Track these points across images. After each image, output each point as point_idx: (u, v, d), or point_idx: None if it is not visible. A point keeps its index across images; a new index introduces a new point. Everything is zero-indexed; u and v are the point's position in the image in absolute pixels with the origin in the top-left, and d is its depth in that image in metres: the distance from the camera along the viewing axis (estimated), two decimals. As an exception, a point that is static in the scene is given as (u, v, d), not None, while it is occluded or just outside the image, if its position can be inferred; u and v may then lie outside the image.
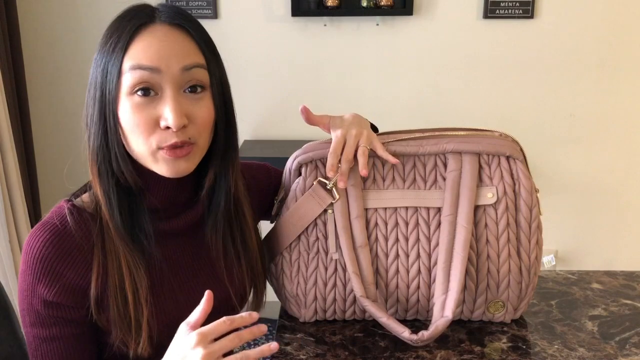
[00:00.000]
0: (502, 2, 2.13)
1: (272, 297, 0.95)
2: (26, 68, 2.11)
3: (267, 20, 2.18)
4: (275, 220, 0.92)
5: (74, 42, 2.16)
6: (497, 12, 2.14)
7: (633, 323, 0.91)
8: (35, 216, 2.06)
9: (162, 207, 0.81)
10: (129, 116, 0.72)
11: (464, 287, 0.87)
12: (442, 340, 0.86)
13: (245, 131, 2.30)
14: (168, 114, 0.72)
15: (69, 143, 2.22)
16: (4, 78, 1.90)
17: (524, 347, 0.85)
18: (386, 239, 0.87)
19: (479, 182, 0.86)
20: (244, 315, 0.69)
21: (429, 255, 0.86)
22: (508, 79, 2.23)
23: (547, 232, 0.93)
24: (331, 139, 0.88)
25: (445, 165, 0.87)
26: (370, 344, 0.86)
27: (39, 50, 2.21)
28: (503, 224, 0.85)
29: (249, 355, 0.68)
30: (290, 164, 0.89)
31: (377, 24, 2.18)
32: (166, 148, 0.73)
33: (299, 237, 0.88)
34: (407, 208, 0.87)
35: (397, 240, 0.87)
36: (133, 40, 0.72)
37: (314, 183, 0.87)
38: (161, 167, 0.75)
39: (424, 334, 0.80)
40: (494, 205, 0.86)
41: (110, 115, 0.73)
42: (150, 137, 0.73)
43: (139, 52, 0.72)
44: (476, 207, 0.86)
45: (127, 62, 0.71)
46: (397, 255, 0.87)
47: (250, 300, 0.92)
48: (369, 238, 0.87)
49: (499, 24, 2.17)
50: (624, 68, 2.20)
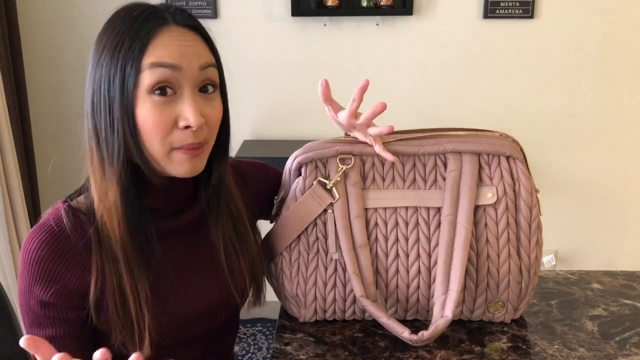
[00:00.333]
0: (502, 2, 2.13)
1: (272, 297, 0.95)
2: (26, 68, 2.11)
3: (267, 20, 2.18)
4: (275, 220, 0.92)
5: (74, 42, 2.16)
6: (497, 12, 2.14)
7: (633, 323, 0.91)
8: (35, 216, 2.06)
9: (162, 206, 0.81)
10: (147, 116, 0.72)
11: (464, 287, 0.87)
12: (442, 340, 0.86)
13: (245, 131, 2.30)
14: (189, 114, 0.72)
15: (69, 143, 2.22)
16: (4, 78, 1.90)
17: (524, 347, 0.85)
18: (386, 239, 0.87)
19: (479, 182, 0.86)
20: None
21: (429, 255, 0.86)
22: (508, 79, 2.22)
23: (547, 232, 0.93)
24: (331, 139, 0.88)
25: (445, 165, 0.87)
26: (370, 344, 0.86)
27: (39, 50, 2.21)
28: (503, 224, 0.85)
29: None
30: (290, 163, 0.89)
31: (377, 24, 2.18)
32: (184, 148, 0.74)
33: (298, 237, 0.88)
34: (407, 208, 0.87)
35: (397, 240, 0.87)
36: (152, 40, 0.72)
37: (314, 183, 0.87)
38: (176, 167, 0.75)
39: (424, 334, 0.80)
40: (494, 205, 0.86)
41: (130, 116, 0.72)
42: (167, 137, 0.73)
43: (160, 50, 0.72)
44: (476, 207, 0.86)
45: (147, 60, 0.71)
46: (397, 255, 0.87)
47: (250, 299, 0.92)
48: (368, 238, 0.87)
49: (499, 24, 2.17)
50: (624, 68, 2.20)
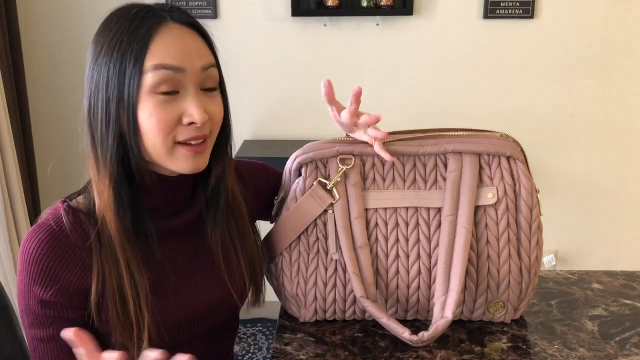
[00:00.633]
0: (502, 2, 2.13)
1: (272, 297, 0.95)
2: (26, 68, 2.11)
3: (267, 20, 2.18)
4: (275, 221, 0.92)
5: (74, 42, 2.16)
6: (497, 12, 2.14)
7: (633, 323, 0.91)
8: (35, 216, 2.06)
9: (161, 206, 0.81)
10: (150, 114, 0.72)
11: (464, 288, 0.87)
12: (442, 340, 0.86)
13: (245, 131, 2.30)
14: (194, 111, 0.73)
15: (69, 143, 2.22)
16: (4, 78, 1.90)
17: (524, 347, 0.85)
18: (386, 239, 0.87)
19: (480, 182, 0.86)
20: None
21: (429, 256, 0.86)
22: (508, 79, 2.22)
23: (547, 232, 0.93)
24: (331, 139, 0.89)
25: (445, 165, 0.87)
26: (370, 344, 0.86)
27: (39, 50, 2.21)
28: (503, 225, 0.85)
29: None
30: (291, 164, 0.89)
31: (377, 24, 2.18)
32: (185, 144, 0.75)
33: (299, 237, 0.88)
34: (407, 208, 0.87)
35: (397, 240, 0.87)
36: (152, 40, 0.72)
37: (314, 183, 0.87)
38: (180, 164, 0.76)
39: (424, 335, 0.80)
40: (494, 206, 0.86)
41: (131, 116, 0.72)
42: (170, 134, 0.74)
43: (161, 51, 0.72)
44: (476, 208, 0.86)
45: (149, 61, 0.71)
46: (397, 256, 0.87)
47: (249, 299, 0.92)
48: (369, 238, 0.87)
49: (499, 24, 2.17)
50: (624, 68, 2.20)
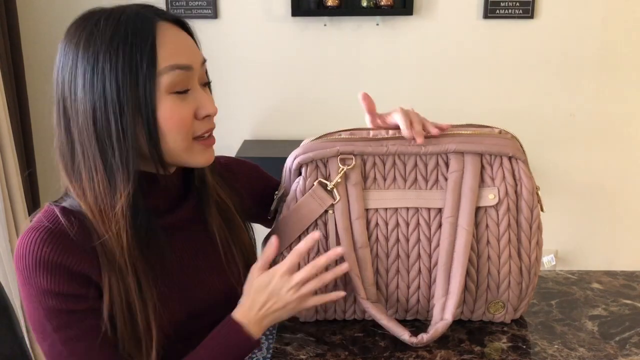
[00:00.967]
0: (502, 2, 2.13)
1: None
2: (26, 68, 2.11)
3: (267, 20, 2.18)
4: (275, 218, 0.92)
5: (74, 42, 2.16)
6: (497, 12, 2.14)
7: (633, 323, 0.91)
8: (35, 216, 2.05)
9: (158, 205, 0.81)
10: (170, 114, 0.73)
11: (464, 290, 0.87)
12: (442, 340, 0.86)
13: (245, 131, 2.30)
14: (208, 104, 0.77)
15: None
16: (4, 78, 1.90)
17: (524, 347, 0.85)
18: (387, 240, 0.87)
19: (481, 182, 0.86)
20: (307, 241, 0.82)
21: (430, 256, 0.86)
22: (508, 79, 2.22)
23: (547, 232, 0.92)
24: (332, 133, 0.89)
25: (447, 164, 0.87)
26: (370, 344, 0.86)
27: (39, 50, 2.20)
28: (504, 225, 0.85)
29: (325, 278, 0.82)
30: (290, 162, 0.89)
31: (377, 24, 2.18)
32: (201, 138, 0.78)
33: (299, 237, 0.88)
34: (407, 209, 0.87)
35: (397, 240, 0.87)
36: (157, 42, 0.72)
37: (315, 184, 0.86)
38: (197, 158, 0.79)
39: (424, 337, 0.80)
40: (496, 207, 0.85)
41: (150, 119, 0.72)
42: (190, 130, 0.76)
43: (171, 52, 0.73)
44: (477, 209, 0.85)
45: (163, 63, 0.72)
46: (398, 256, 0.87)
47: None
48: (369, 238, 0.86)
49: (499, 24, 2.17)
50: (624, 68, 2.20)
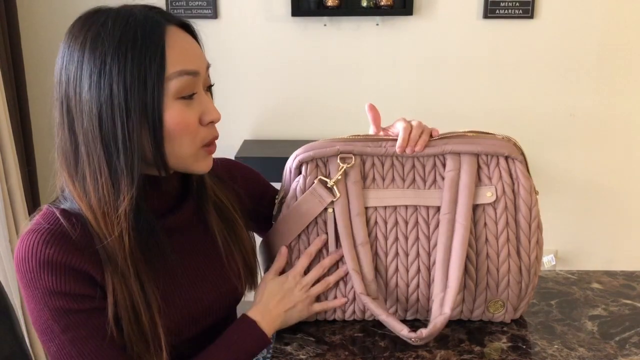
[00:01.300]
0: (502, 2, 2.13)
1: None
2: (26, 68, 2.11)
3: (267, 20, 2.18)
4: (276, 220, 0.92)
5: (74, 42, 2.16)
6: (497, 12, 2.14)
7: (633, 323, 0.91)
8: (35, 216, 2.05)
9: (158, 206, 0.81)
10: (178, 119, 0.73)
11: (463, 286, 0.87)
12: (442, 340, 0.86)
13: (245, 131, 2.30)
14: (212, 110, 0.77)
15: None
16: (4, 78, 1.90)
17: (524, 347, 0.85)
18: (386, 238, 0.87)
19: (478, 181, 0.86)
20: (317, 243, 0.88)
21: (429, 254, 0.87)
22: (508, 79, 2.22)
23: (547, 232, 0.92)
24: (331, 139, 0.88)
25: (444, 165, 0.87)
26: (370, 344, 0.86)
27: (39, 50, 2.21)
28: (502, 223, 0.85)
29: (329, 281, 0.88)
30: (291, 162, 0.89)
31: (377, 24, 2.18)
32: (209, 144, 0.78)
33: (299, 235, 0.89)
34: (406, 207, 0.87)
35: (396, 239, 0.87)
36: (166, 46, 0.71)
37: (315, 182, 0.87)
38: (200, 164, 0.79)
39: (423, 332, 0.80)
40: (493, 205, 0.86)
41: (157, 124, 0.71)
42: (197, 136, 0.76)
43: (179, 57, 0.72)
44: (475, 206, 0.86)
45: (172, 68, 0.71)
46: (397, 254, 0.87)
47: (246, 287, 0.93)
48: (368, 236, 0.87)
49: (499, 24, 2.17)
50: (624, 68, 2.20)
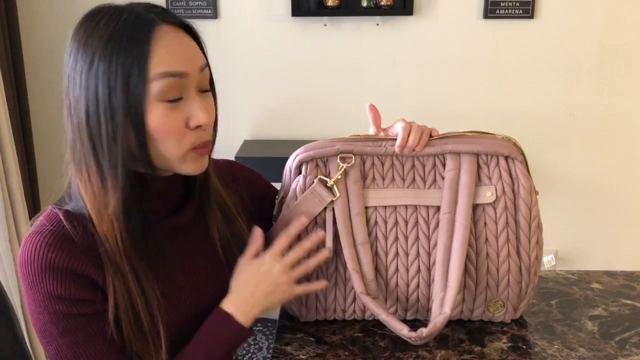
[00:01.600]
0: (502, 2, 2.13)
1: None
2: (26, 68, 2.11)
3: (267, 20, 2.18)
4: (276, 220, 0.92)
5: (74, 42, 2.16)
6: (497, 12, 2.14)
7: (633, 323, 0.91)
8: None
9: (159, 207, 0.81)
10: (160, 122, 0.71)
11: (463, 285, 0.87)
12: (442, 340, 0.86)
13: (245, 131, 2.30)
14: (200, 114, 0.74)
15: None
16: (4, 78, 1.90)
17: (524, 347, 0.85)
18: (386, 238, 0.87)
19: (478, 181, 0.86)
20: (296, 225, 0.85)
21: (429, 254, 0.87)
22: (508, 79, 2.22)
23: (547, 232, 0.92)
24: (331, 139, 0.88)
25: (444, 165, 0.87)
26: (370, 344, 0.86)
27: (39, 50, 2.21)
28: (502, 223, 0.85)
29: (309, 265, 0.85)
30: (291, 162, 0.89)
31: (377, 24, 2.18)
32: (199, 147, 0.76)
33: (299, 236, 0.88)
34: (406, 207, 0.87)
35: (396, 238, 0.87)
36: (152, 46, 0.70)
37: (315, 181, 0.87)
38: (188, 166, 0.77)
39: (423, 331, 0.80)
40: (493, 204, 0.86)
41: (140, 125, 0.71)
42: (183, 139, 0.74)
43: (164, 58, 0.71)
44: (475, 206, 0.86)
45: (154, 70, 0.70)
46: (397, 254, 0.87)
47: None
48: (369, 236, 0.87)
49: (499, 24, 2.17)
50: (624, 68, 2.20)
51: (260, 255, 0.84)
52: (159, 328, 0.75)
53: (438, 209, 0.86)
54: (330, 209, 0.86)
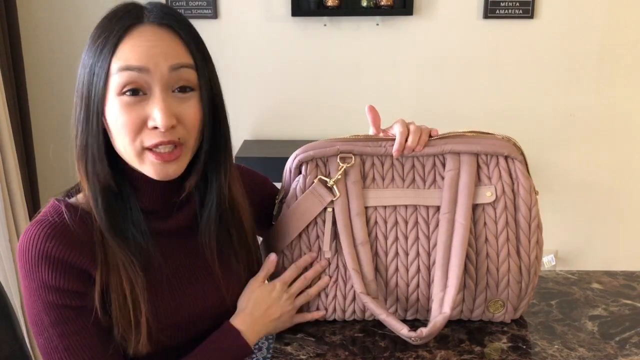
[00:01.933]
0: (502, 2, 2.13)
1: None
2: (26, 68, 2.11)
3: (267, 20, 2.18)
4: (276, 220, 0.92)
5: (74, 42, 2.16)
6: (497, 12, 2.14)
7: (633, 323, 0.91)
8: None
9: (153, 207, 0.81)
10: (116, 116, 0.72)
11: (463, 285, 0.87)
12: (442, 340, 0.86)
13: (245, 131, 2.30)
14: (156, 114, 0.72)
15: (70, 143, 2.22)
16: (4, 78, 1.90)
17: (524, 347, 0.85)
18: (386, 237, 0.87)
19: (478, 181, 0.86)
20: (306, 258, 0.89)
21: (429, 254, 0.87)
22: (508, 79, 2.22)
23: (547, 232, 0.92)
24: (331, 139, 0.88)
25: (444, 165, 0.87)
26: (370, 344, 0.86)
27: (39, 50, 2.21)
28: (502, 223, 0.85)
29: (310, 293, 0.89)
30: (291, 162, 0.89)
31: (377, 24, 2.18)
32: (153, 150, 0.74)
33: (299, 235, 0.89)
34: (406, 206, 0.87)
35: (396, 238, 0.87)
36: (121, 42, 0.72)
37: (315, 181, 0.87)
38: (148, 169, 0.76)
39: (423, 331, 0.80)
40: (493, 204, 0.86)
41: (94, 116, 0.73)
42: (137, 137, 0.73)
43: (127, 53, 0.72)
44: (475, 206, 0.86)
45: (115, 64, 0.72)
46: (397, 254, 0.87)
47: None
48: (369, 236, 0.87)
49: (499, 24, 2.17)
50: (624, 68, 2.20)
51: (272, 281, 0.89)
52: (142, 312, 0.76)
53: (438, 209, 0.86)
54: (330, 209, 0.86)
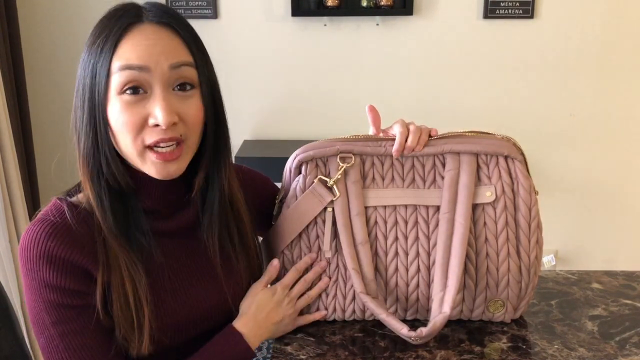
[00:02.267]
0: (502, 2, 2.13)
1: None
2: (26, 68, 2.11)
3: (267, 20, 2.18)
4: (276, 220, 0.92)
5: (74, 42, 2.16)
6: (497, 12, 2.14)
7: (633, 323, 0.91)
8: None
9: (155, 207, 0.81)
10: (118, 115, 0.73)
11: (463, 285, 0.87)
12: (442, 340, 0.86)
13: (245, 131, 2.30)
14: (158, 112, 0.72)
15: (69, 143, 2.22)
16: (4, 78, 1.90)
17: (524, 347, 0.85)
18: (386, 237, 0.87)
19: (478, 181, 0.86)
20: (306, 260, 0.89)
21: (428, 254, 0.87)
22: (508, 79, 2.22)
23: (547, 232, 0.92)
24: (331, 139, 0.88)
25: (443, 165, 0.87)
26: (370, 344, 0.86)
27: (39, 50, 2.21)
28: (502, 223, 0.85)
29: (311, 295, 0.89)
30: (291, 162, 0.89)
31: (377, 24, 2.18)
32: (154, 149, 0.74)
33: (299, 235, 0.89)
34: (406, 206, 0.87)
35: (396, 238, 0.87)
36: (121, 41, 0.72)
37: (315, 181, 0.87)
38: (150, 168, 0.76)
39: (423, 331, 0.80)
40: (493, 204, 0.86)
41: (100, 116, 0.73)
42: (139, 136, 0.74)
43: (127, 52, 0.72)
44: (475, 206, 0.86)
45: (115, 63, 0.72)
46: (397, 254, 0.87)
47: None
48: (368, 236, 0.87)
49: (499, 24, 2.17)
50: (624, 68, 2.20)
51: (273, 285, 0.89)
52: (145, 312, 0.76)
53: (438, 208, 0.86)
54: (330, 209, 0.86)
